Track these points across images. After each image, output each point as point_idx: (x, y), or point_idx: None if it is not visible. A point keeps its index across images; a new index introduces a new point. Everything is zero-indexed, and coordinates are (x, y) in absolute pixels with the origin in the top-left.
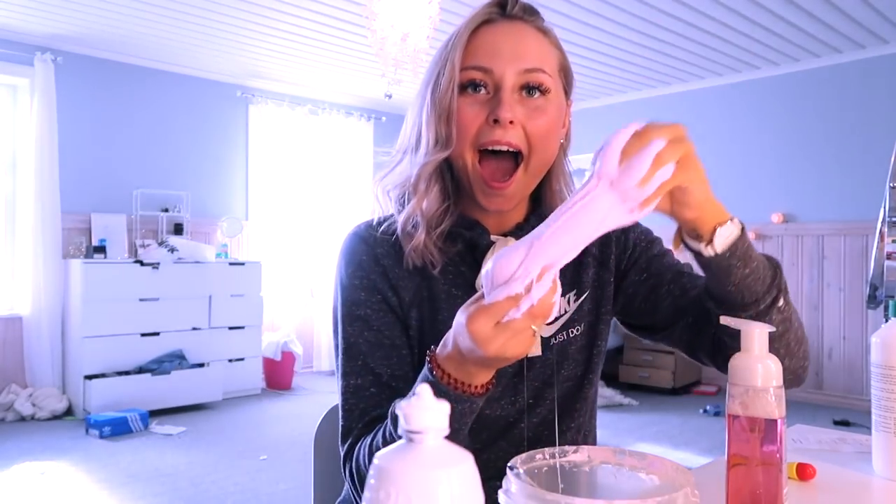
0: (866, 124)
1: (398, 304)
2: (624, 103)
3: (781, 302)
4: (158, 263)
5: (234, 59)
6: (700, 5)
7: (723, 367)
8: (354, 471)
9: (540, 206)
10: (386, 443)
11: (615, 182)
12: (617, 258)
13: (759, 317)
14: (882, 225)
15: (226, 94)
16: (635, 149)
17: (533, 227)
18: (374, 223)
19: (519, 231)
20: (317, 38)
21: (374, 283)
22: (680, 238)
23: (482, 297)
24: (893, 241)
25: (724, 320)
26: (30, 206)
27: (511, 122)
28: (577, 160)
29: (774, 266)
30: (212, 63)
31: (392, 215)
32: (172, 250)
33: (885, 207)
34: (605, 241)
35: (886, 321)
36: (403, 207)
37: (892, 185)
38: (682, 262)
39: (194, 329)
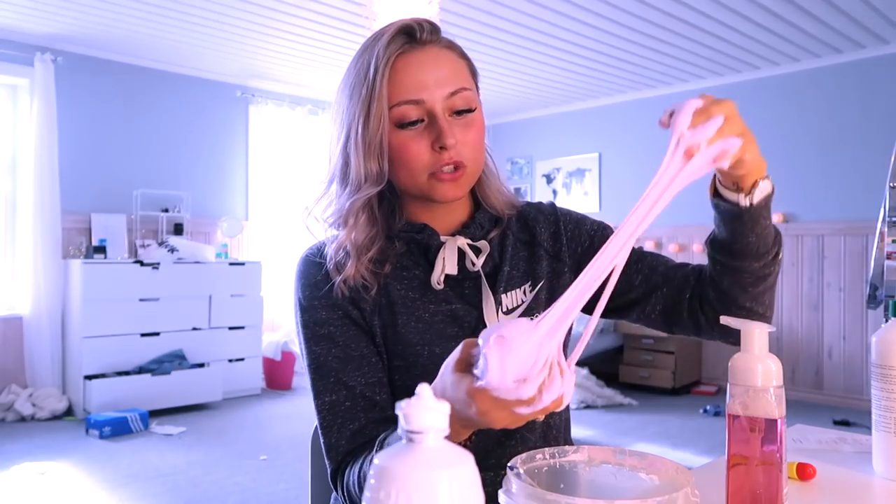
0: (866, 124)
1: (360, 317)
2: (624, 103)
3: (781, 254)
4: (158, 263)
5: (234, 59)
6: (700, 5)
7: (706, 328)
8: (346, 495)
9: (480, 206)
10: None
11: (685, 139)
12: (571, 251)
13: (764, 267)
14: (882, 225)
15: (226, 94)
16: (700, 120)
17: (479, 225)
18: (324, 245)
19: (465, 230)
20: (317, 38)
21: (333, 300)
22: (714, 188)
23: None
24: (893, 241)
25: (724, 320)
26: (30, 206)
27: (454, 145)
28: (576, 161)
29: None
30: (212, 63)
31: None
32: (172, 250)
33: (885, 207)
34: (555, 236)
35: (886, 321)
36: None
37: (892, 185)
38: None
39: (194, 329)
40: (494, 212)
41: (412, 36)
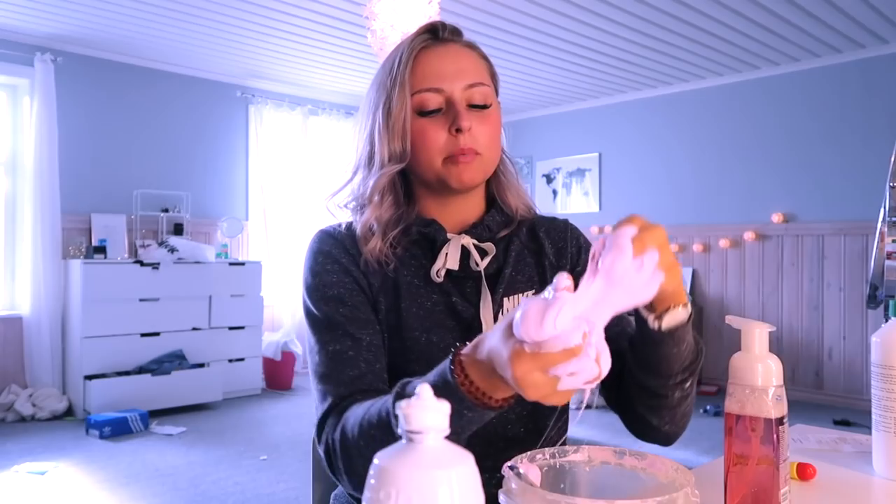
0: (866, 124)
1: (368, 287)
2: (624, 103)
3: (688, 384)
4: (158, 263)
5: (234, 59)
6: (700, 5)
7: (621, 414)
8: (339, 438)
9: (495, 204)
10: (380, 420)
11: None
12: (571, 271)
13: (663, 388)
14: (882, 225)
15: (226, 95)
16: (637, 251)
17: (487, 227)
18: (340, 225)
19: (473, 229)
20: (317, 38)
21: (345, 266)
22: None
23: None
24: (893, 241)
25: (729, 319)
26: (30, 206)
27: (469, 129)
28: (576, 161)
29: (698, 351)
30: (212, 63)
31: (352, 222)
32: (172, 250)
33: (885, 207)
34: (561, 251)
35: (886, 321)
36: (359, 216)
37: (892, 185)
38: None
39: (194, 329)
40: (509, 210)
41: (435, 34)
